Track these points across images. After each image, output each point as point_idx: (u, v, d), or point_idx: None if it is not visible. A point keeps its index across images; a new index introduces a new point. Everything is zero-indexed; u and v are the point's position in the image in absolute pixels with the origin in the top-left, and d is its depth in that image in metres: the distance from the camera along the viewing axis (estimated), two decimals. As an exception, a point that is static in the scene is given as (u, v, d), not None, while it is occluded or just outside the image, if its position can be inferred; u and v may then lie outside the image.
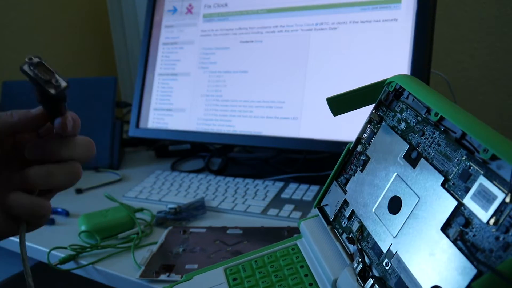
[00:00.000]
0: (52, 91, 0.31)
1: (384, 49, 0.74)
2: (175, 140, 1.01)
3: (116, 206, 0.73)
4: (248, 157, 1.03)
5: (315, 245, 0.43)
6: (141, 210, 0.74)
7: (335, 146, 0.76)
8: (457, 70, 1.01)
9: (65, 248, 0.64)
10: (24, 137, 0.38)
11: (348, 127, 0.76)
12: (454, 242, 0.30)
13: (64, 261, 0.62)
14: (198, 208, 0.74)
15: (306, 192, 0.78)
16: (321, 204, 0.47)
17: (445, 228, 0.31)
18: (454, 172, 0.32)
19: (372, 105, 0.44)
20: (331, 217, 0.44)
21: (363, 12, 0.77)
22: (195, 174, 0.91)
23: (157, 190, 0.84)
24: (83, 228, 0.67)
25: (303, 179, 0.85)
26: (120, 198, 0.81)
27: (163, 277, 0.56)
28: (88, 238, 0.66)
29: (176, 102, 0.95)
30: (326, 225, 0.44)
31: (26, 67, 0.31)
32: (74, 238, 0.66)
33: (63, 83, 0.31)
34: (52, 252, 0.64)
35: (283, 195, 0.78)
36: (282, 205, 0.74)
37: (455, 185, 0.32)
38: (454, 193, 0.32)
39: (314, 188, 0.79)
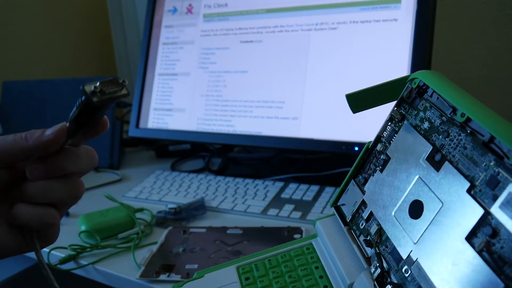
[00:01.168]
0: (125, 91, 0.31)
1: (384, 49, 0.74)
2: (175, 140, 1.01)
3: (116, 206, 0.73)
4: (248, 157, 1.03)
5: (331, 246, 0.42)
6: (141, 210, 0.74)
7: (335, 146, 0.76)
8: (457, 70, 1.01)
9: (65, 248, 0.64)
10: None
11: (348, 127, 0.76)
12: (479, 253, 0.28)
13: (64, 261, 0.62)
14: (198, 208, 0.74)
15: (306, 192, 0.78)
16: (338, 204, 0.45)
17: (470, 238, 0.29)
18: (481, 178, 0.30)
19: (393, 103, 0.42)
20: (348, 218, 0.43)
21: (363, 12, 0.77)
22: (195, 174, 0.91)
23: (157, 190, 0.84)
24: (83, 228, 0.67)
25: (303, 179, 0.85)
26: (120, 198, 0.81)
27: (163, 277, 0.56)
28: (88, 238, 0.66)
29: (176, 102, 0.95)
30: (342, 225, 0.43)
31: (98, 96, 0.30)
32: (74, 238, 0.66)
33: (125, 81, 0.31)
34: (52, 252, 0.64)
35: (283, 195, 0.78)
36: (282, 205, 0.74)
37: (482, 192, 0.30)
38: (480, 201, 0.30)
39: (314, 188, 0.79)
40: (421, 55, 0.71)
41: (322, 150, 0.81)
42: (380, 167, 0.41)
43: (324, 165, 0.91)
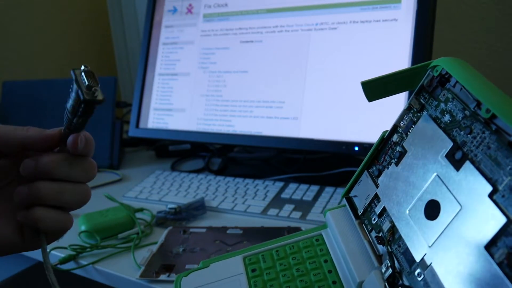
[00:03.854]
0: (87, 96, 0.30)
1: (384, 49, 0.74)
2: (175, 140, 1.01)
3: (116, 206, 0.73)
4: (248, 157, 1.03)
5: (341, 239, 0.40)
6: (141, 210, 0.74)
7: (335, 146, 0.76)
8: (457, 70, 1.01)
9: (65, 248, 0.63)
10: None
11: (348, 127, 0.76)
12: (499, 264, 0.26)
13: (64, 261, 0.62)
14: (198, 208, 0.74)
15: (306, 192, 0.78)
16: (350, 195, 0.43)
17: (489, 247, 0.27)
18: (505, 183, 0.27)
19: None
20: (360, 211, 0.41)
21: (363, 12, 0.77)
22: (195, 174, 0.91)
23: (157, 190, 0.84)
24: (83, 228, 0.67)
25: (303, 179, 0.85)
26: (120, 198, 0.81)
27: (163, 277, 0.56)
28: (88, 238, 0.66)
29: (176, 102, 0.95)
30: (354, 218, 0.41)
31: (76, 71, 0.31)
32: (74, 238, 0.66)
33: (100, 96, 0.31)
34: (52, 252, 0.64)
35: (283, 195, 0.78)
36: (282, 205, 0.74)
37: (506, 197, 0.27)
38: (503, 208, 0.27)
39: (314, 188, 0.79)
40: (421, 55, 0.71)
41: (322, 150, 0.81)
42: (396, 160, 0.38)
43: (324, 165, 0.91)
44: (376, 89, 0.40)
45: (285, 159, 0.98)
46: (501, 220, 0.27)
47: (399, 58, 0.73)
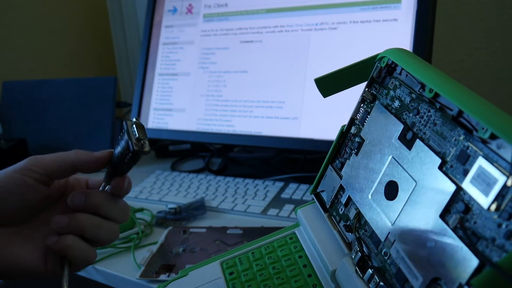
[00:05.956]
0: (136, 147, 0.33)
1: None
2: (175, 140, 1.01)
3: (116, 206, 0.73)
4: (248, 157, 1.03)
5: (312, 233, 0.41)
6: (141, 210, 0.74)
7: (335, 146, 0.76)
8: (457, 70, 1.01)
9: (65, 248, 0.63)
10: (73, 186, 0.39)
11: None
12: (454, 230, 0.28)
13: (64, 261, 0.62)
14: (198, 208, 0.74)
15: (306, 192, 0.78)
16: (317, 190, 0.45)
17: (444, 215, 0.29)
18: (451, 154, 0.30)
19: (364, 84, 0.42)
20: (328, 204, 0.42)
21: (363, 12, 0.77)
22: (195, 174, 0.91)
23: (157, 190, 0.84)
24: (83, 228, 0.67)
25: (303, 179, 0.85)
26: (120, 198, 0.81)
27: (163, 277, 0.56)
28: (88, 238, 0.66)
29: (176, 102, 0.95)
30: (323, 212, 0.42)
31: (128, 122, 0.34)
32: (74, 238, 0.66)
33: (147, 148, 0.33)
34: (52, 252, 0.64)
35: (283, 195, 0.78)
36: (282, 205, 0.74)
37: (453, 167, 0.29)
38: (452, 177, 0.29)
39: (314, 188, 0.79)
40: (421, 55, 0.71)
41: (322, 150, 0.81)
42: (355, 150, 0.40)
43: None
44: (329, 84, 0.42)
45: (285, 159, 0.98)
46: (451, 188, 0.29)
47: (399, 58, 0.73)
